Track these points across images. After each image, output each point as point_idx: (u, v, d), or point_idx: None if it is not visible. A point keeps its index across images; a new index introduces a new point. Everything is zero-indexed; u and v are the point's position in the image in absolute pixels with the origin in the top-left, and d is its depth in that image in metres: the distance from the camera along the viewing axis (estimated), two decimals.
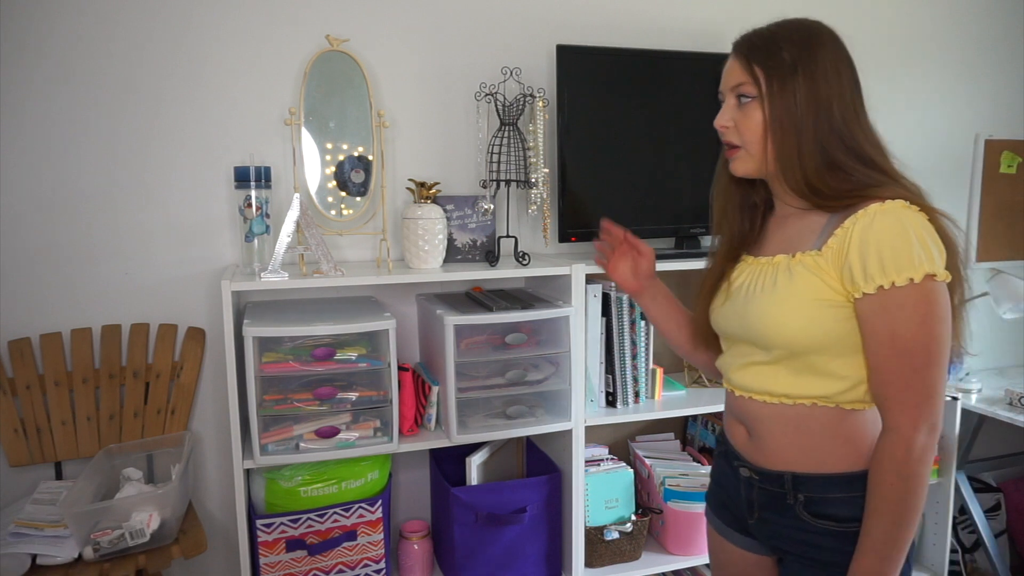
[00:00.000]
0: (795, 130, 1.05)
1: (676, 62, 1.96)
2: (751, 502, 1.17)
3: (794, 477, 1.10)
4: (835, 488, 1.07)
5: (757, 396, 1.13)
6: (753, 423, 1.15)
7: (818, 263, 1.04)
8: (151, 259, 1.79)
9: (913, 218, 0.99)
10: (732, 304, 1.16)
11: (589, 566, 1.88)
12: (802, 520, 1.10)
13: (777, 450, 1.11)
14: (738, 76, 1.09)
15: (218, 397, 1.85)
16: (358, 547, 1.69)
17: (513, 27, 1.98)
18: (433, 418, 1.75)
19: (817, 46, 1.06)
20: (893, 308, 0.97)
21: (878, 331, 0.99)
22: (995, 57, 2.52)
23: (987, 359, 2.66)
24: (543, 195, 1.83)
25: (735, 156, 1.13)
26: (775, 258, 1.11)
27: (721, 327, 1.20)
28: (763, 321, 1.08)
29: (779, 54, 1.06)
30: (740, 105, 1.10)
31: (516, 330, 1.72)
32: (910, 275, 0.96)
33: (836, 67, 1.06)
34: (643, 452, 2.07)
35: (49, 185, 1.70)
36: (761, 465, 1.14)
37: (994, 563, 2.38)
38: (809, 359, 1.06)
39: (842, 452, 1.07)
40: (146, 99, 1.74)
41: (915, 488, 0.99)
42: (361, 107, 1.82)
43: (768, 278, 1.10)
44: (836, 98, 1.05)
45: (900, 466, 0.99)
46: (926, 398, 0.98)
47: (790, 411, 1.09)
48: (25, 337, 1.70)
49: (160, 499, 1.53)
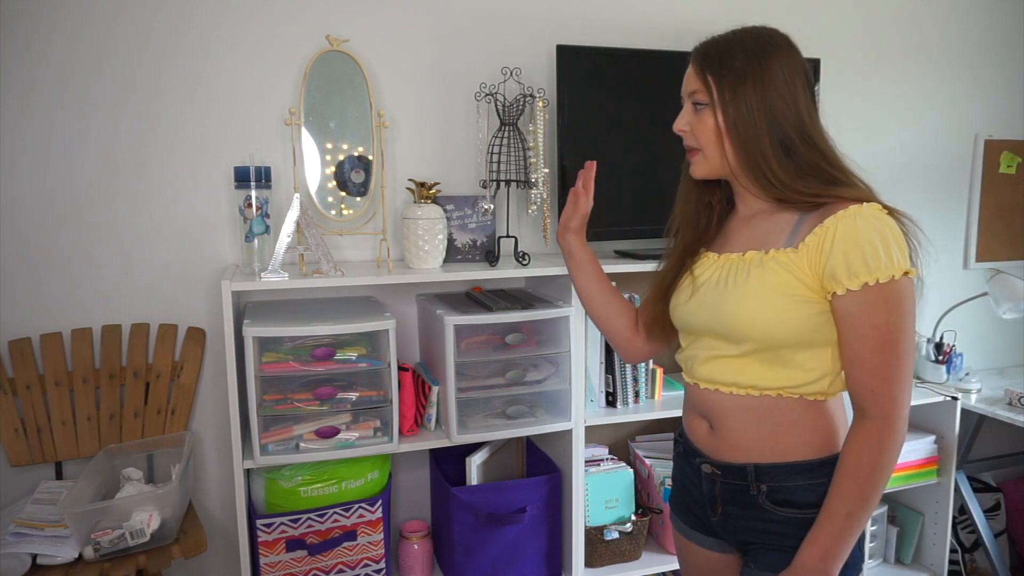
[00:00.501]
0: (751, 135, 1.09)
1: (676, 62, 1.94)
2: (713, 498, 1.20)
3: (756, 468, 1.13)
4: (796, 476, 1.11)
5: (724, 388, 1.16)
6: (717, 416, 1.18)
7: (792, 260, 1.08)
8: (151, 259, 1.79)
9: (889, 221, 1.06)
10: (700, 298, 1.19)
11: (589, 566, 1.88)
12: (764, 510, 1.14)
13: (740, 442, 1.15)
14: (692, 84, 1.15)
15: (218, 397, 1.85)
16: (358, 547, 1.69)
17: (513, 27, 1.98)
18: (433, 418, 1.75)
19: (769, 54, 1.11)
20: (878, 303, 1.03)
21: (863, 325, 1.04)
22: (995, 57, 2.53)
23: (987, 359, 2.66)
24: (543, 195, 1.83)
25: (694, 159, 1.18)
26: (746, 255, 1.14)
27: (686, 321, 1.22)
28: (736, 315, 1.11)
29: (731, 62, 1.11)
30: (695, 111, 1.15)
31: (516, 330, 1.72)
32: (892, 273, 1.02)
33: (789, 74, 1.10)
34: (643, 452, 2.07)
35: (49, 185, 1.70)
36: (723, 459, 1.17)
37: (994, 563, 2.38)
38: (779, 352, 1.10)
39: (804, 440, 1.12)
40: (146, 99, 1.74)
41: (887, 472, 1.05)
42: (361, 107, 1.82)
43: (740, 273, 1.13)
44: (788, 103, 1.10)
45: (883, 448, 1.04)
46: (906, 386, 1.06)
47: (755, 402, 1.13)
48: (25, 337, 1.70)
49: (160, 499, 1.53)
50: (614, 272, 1.82)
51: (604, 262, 1.83)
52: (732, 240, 1.21)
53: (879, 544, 2.30)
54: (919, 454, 2.20)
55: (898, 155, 2.43)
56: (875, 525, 2.26)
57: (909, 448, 2.19)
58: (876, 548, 2.29)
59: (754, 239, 1.16)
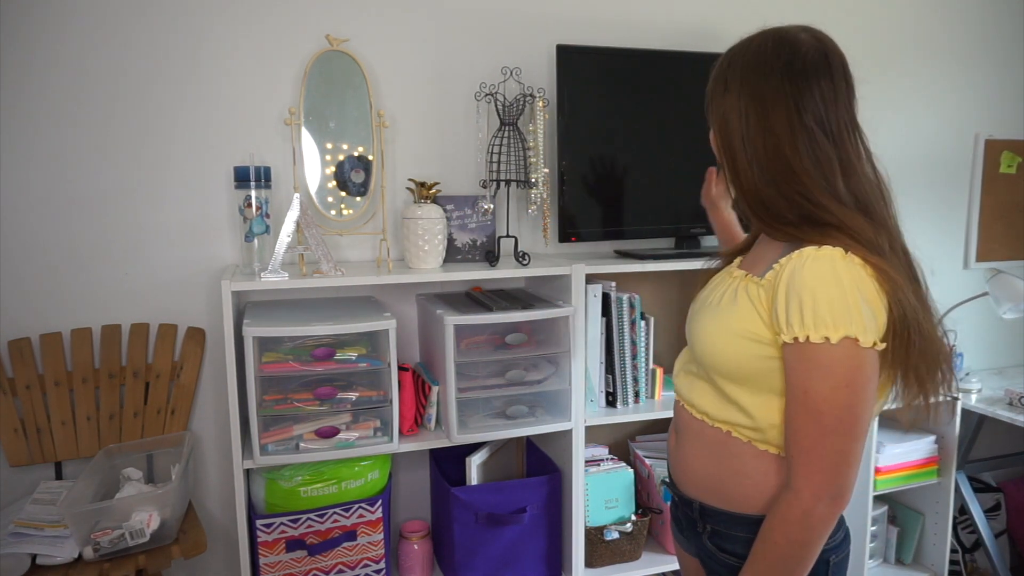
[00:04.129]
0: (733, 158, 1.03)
1: (676, 62, 1.96)
2: (678, 519, 1.21)
3: (702, 507, 1.09)
4: (739, 527, 1.05)
5: (687, 406, 1.13)
6: (681, 432, 1.15)
7: (758, 294, 0.99)
8: (151, 259, 1.79)
9: (848, 271, 0.91)
10: (693, 308, 1.17)
11: (589, 566, 1.88)
12: (709, 549, 1.10)
13: (693, 473, 1.11)
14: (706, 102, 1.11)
15: (218, 397, 1.85)
16: (358, 547, 1.69)
17: (513, 27, 1.98)
18: (433, 418, 1.75)
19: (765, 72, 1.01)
20: (809, 364, 0.91)
21: (793, 383, 0.93)
22: (995, 57, 2.53)
23: (987, 359, 2.66)
24: (543, 195, 1.83)
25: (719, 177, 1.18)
26: (735, 272, 1.10)
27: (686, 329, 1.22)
28: (698, 334, 1.08)
29: (721, 76, 1.07)
30: None
31: (516, 330, 1.72)
32: (827, 334, 0.89)
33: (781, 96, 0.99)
34: (643, 452, 2.07)
35: (49, 185, 1.70)
36: (679, 487, 1.15)
37: (994, 563, 2.38)
38: (727, 386, 1.03)
39: (748, 493, 1.03)
40: (146, 99, 1.74)
41: (800, 555, 0.95)
42: (361, 107, 1.82)
43: (718, 293, 1.09)
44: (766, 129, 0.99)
45: (791, 529, 0.94)
46: (831, 466, 0.91)
47: (709, 432, 1.07)
48: (25, 337, 1.70)
49: (160, 499, 1.53)
50: (614, 272, 1.83)
51: (604, 262, 1.84)
52: (747, 257, 1.16)
53: (879, 544, 2.29)
54: (919, 454, 2.20)
55: (898, 155, 2.43)
56: (875, 525, 2.25)
57: (910, 448, 2.19)
58: (876, 548, 2.29)
59: (753, 260, 1.11)
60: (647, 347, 1.93)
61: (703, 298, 1.14)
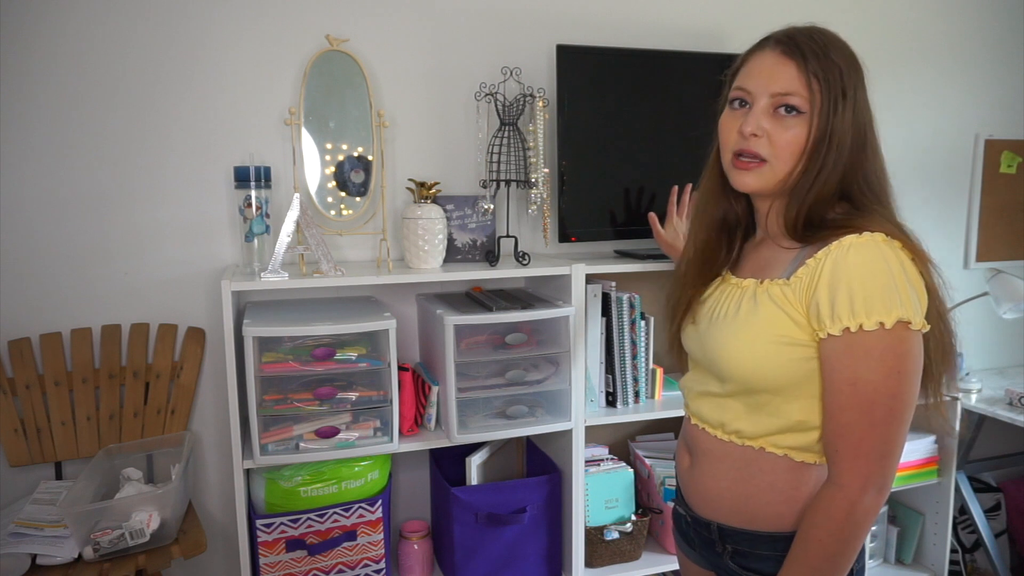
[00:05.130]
0: (829, 158, 0.95)
1: (676, 62, 1.96)
2: (690, 537, 1.17)
3: (720, 528, 1.06)
4: (763, 546, 1.01)
5: (710, 429, 1.07)
6: (698, 455, 1.10)
7: (785, 294, 0.96)
8: (151, 259, 1.79)
9: (892, 254, 0.90)
10: (696, 326, 1.10)
11: (589, 566, 1.88)
12: (731, 568, 1.06)
13: (712, 494, 1.06)
14: (790, 83, 0.96)
15: (218, 397, 1.85)
16: (358, 547, 1.69)
17: (513, 27, 1.98)
18: (433, 418, 1.75)
19: (858, 67, 0.98)
20: (858, 354, 0.88)
21: (839, 377, 0.90)
22: (995, 57, 2.52)
23: (987, 359, 2.66)
24: (543, 195, 1.83)
25: (752, 170, 1.00)
26: (744, 282, 1.04)
27: (686, 346, 1.15)
28: (719, 351, 1.02)
29: (835, 71, 0.95)
30: (779, 116, 0.97)
31: (516, 330, 1.72)
32: (880, 319, 0.87)
33: (865, 93, 0.99)
34: (643, 452, 2.07)
35: (49, 185, 1.70)
36: (693, 508, 1.12)
37: (994, 563, 2.38)
38: (762, 398, 0.99)
39: (777, 511, 1.00)
40: (146, 99, 1.74)
41: (847, 551, 0.92)
42: (361, 107, 1.82)
43: (733, 304, 1.03)
44: (871, 132, 0.98)
45: (838, 525, 0.91)
46: (880, 456, 0.90)
47: (737, 452, 1.02)
48: (25, 337, 1.70)
49: (160, 499, 1.53)
50: (614, 272, 1.83)
51: (604, 262, 1.84)
52: (744, 263, 1.11)
53: (879, 544, 2.29)
54: (919, 454, 2.20)
55: (898, 155, 2.43)
56: (876, 525, 2.26)
57: (910, 448, 2.18)
58: (876, 548, 2.29)
59: (758, 265, 1.06)
60: (647, 347, 1.93)
61: (707, 314, 1.08)
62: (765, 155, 0.98)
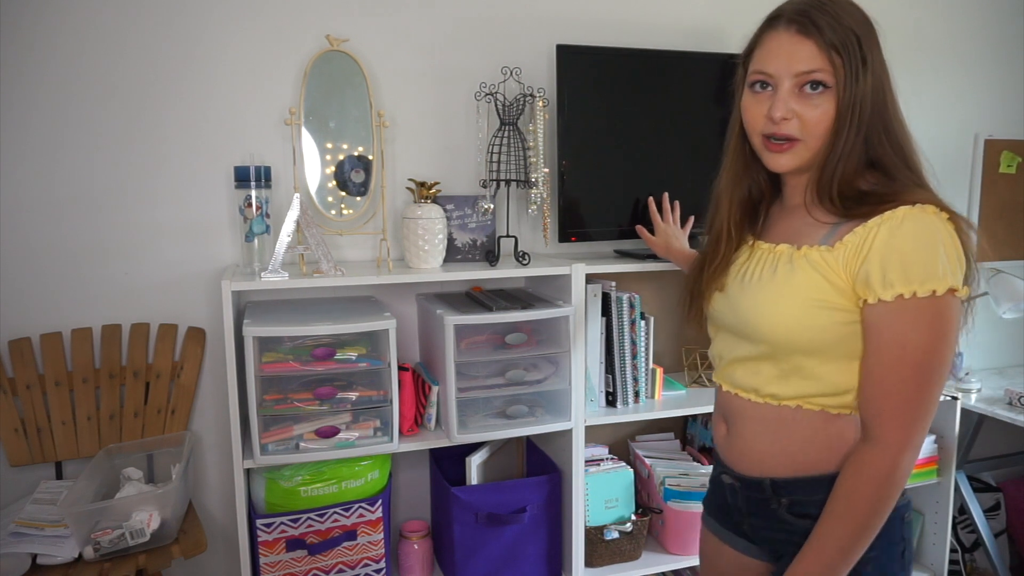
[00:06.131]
0: (854, 127, 0.97)
1: (676, 62, 1.96)
2: (738, 508, 1.16)
3: (773, 483, 1.07)
4: (817, 490, 1.03)
5: (743, 393, 1.09)
6: (734, 420, 1.12)
7: (826, 260, 0.98)
8: (151, 259, 1.79)
9: (943, 227, 0.94)
10: (724, 292, 1.12)
11: (589, 566, 1.88)
12: (787, 522, 1.08)
13: (756, 454, 1.09)
14: (811, 61, 0.97)
15: (218, 397, 1.85)
16: (358, 547, 1.69)
17: (513, 27, 1.98)
18: (433, 418, 1.75)
19: (874, 34, 1.00)
20: (909, 319, 0.92)
21: (887, 340, 0.94)
22: (995, 57, 2.52)
23: (986, 359, 2.66)
24: (543, 195, 1.83)
25: (786, 151, 1.01)
26: (778, 247, 1.06)
27: (713, 313, 1.16)
28: (753, 312, 1.04)
29: (852, 38, 0.96)
30: (805, 93, 0.99)
31: (516, 330, 1.72)
32: (933, 287, 0.91)
33: (881, 54, 1.00)
34: (643, 452, 2.07)
35: (49, 185, 1.70)
36: (740, 471, 1.12)
37: (994, 563, 2.38)
38: (796, 360, 1.01)
39: (823, 456, 1.03)
40: (146, 99, 1.74)
41: (887, 506, 0.97)
42: (361, 107, 1.82)
43: (767, 267, 1.05)
44: (889, 92, 1.00)
45: (882, 481, 0.95)
46: (922, 416, 0.94)
47: (773, 412, 1.05)
48: (25, 337, 1.70)
49: (160, 499, 1.53)
50: (614, 272, 1.83)
51: (604, 262, 1.84)
52: (771, 229, 1.12)
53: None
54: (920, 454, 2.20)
55: None
56: None
57: None
58: None
59: (790, 231, 1.07)
60: (647, 347, 1.93)
61: (737, 279, 1.10)
62: (798, 135, 1.00)
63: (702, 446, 2.15)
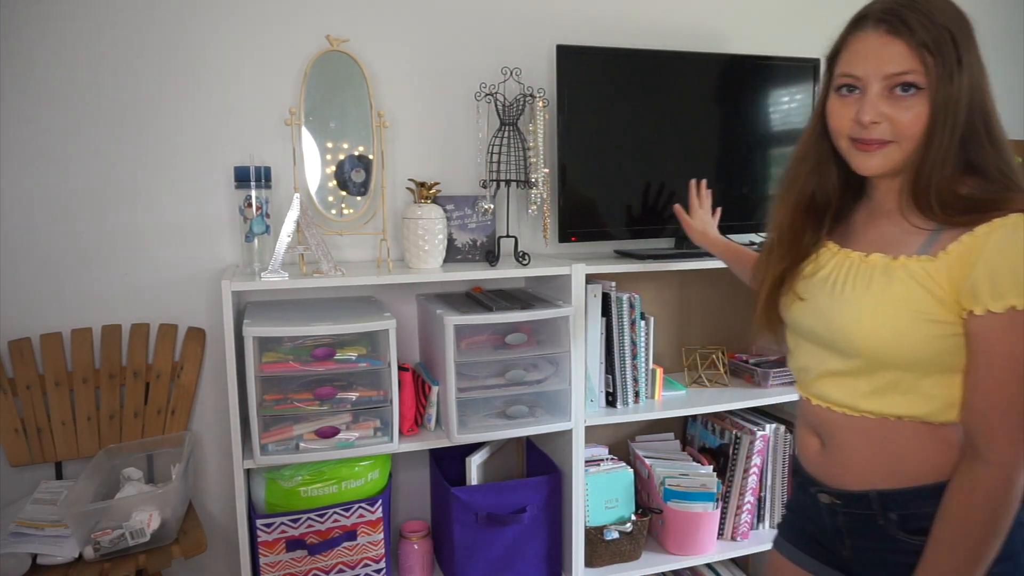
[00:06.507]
0: (948, 129, 0.93)
1: (676, 62, 1.96)
2: (838, 531, 1.06)
3: (880, 495, 0.99)
4: (930, 500, 0.96)
5: (837, 408, 1.03)
6: (829, 435, 1.05)
7: (927, 271, 0.93)
8: (151, 259, 1.79)
9: None
10: (808, 302, 1.05)
11: (589, 566, 1.88)
12: (899, 540, 0.99)
13: (857, 467, 1.02)
14: (902, 62, 0.93)
15: (218, 397, 1.85)
16: (358, 547, 1.69)
17: (513, 27, 1.98)
18: (433, 418, 1.75)
19: (967, 25, 0.95)
20: (1021, 332, 0.88)
21: (997, 354, 0.89)
22: (995, 57, 2.52)
23: None
24: (543, 195, 1.83)
25: (876, 151, 0.97)
26: (870, 256, 1.00)
27: (795, 321, 1.09)
28: (849, 326, 0.98)
29: (946, 37, 0.92)
30: (896, 95, 0.94)
31: (516, 330, 1.72)
32: None
33: (977, 51, 0.96)
34: (643, 452, 2.07)
35: (49, 185, 1.70)
36: (840, 486, 1.04)
37: None
38: (894, 374, 0.96)
39: (932, 462, 0.96)
40: (146, 99, 1.74)
41: (1004, 527, 0.91)
42: (361, 107, 1.82)
43: (861, 278, 0.99)
44: (987, 93, 0.97)
45: (997, 503, 0.90)
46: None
47: (873, 424, 0.99)
48: (25, 337, 1.70)
49: (160, 499, 1.53)
50: (614, 272, 1.83)
51: (604, 262, 1.84)
52: (857, 236, 1.06)
53: None
54: None
55: None
56: None
57: None
58: None
59: (882, 239, 1.01)
60: (647, 347, 1.93)
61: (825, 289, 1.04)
62: (890, 137, 0.96)
63: (702, 446, 2.15)
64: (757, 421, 2.03)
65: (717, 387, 2.06)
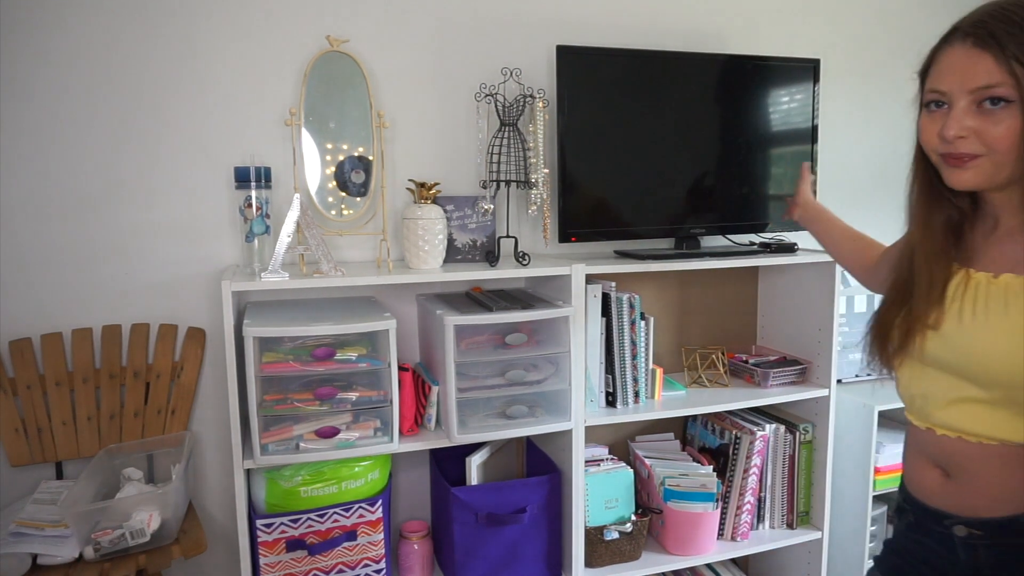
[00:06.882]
0: None
1: (676, 62, 1.97)
2: (977, 568, 0.98)
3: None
4: None
5: (970, 437, 0.96)
6: (959, 465, 0.98)
7: None
8: (151, 259, 1.79)
9: None
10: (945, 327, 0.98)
11: (589, 566, 1.88)
12: None
13: (991, 490, 0.95)
14: (990, 76, 0.90)
15: (218, 397, 1.85)
16: (358, 547, 1.69)
17: (513, 27, 1.98)
18: (433, 418, 1.75)
19: None
20: None
21: None
22: None
23: None
24: (543, 195, 1.83)
25: (967, 165, 0.94)
26: (999, 278, 0.95)
27: (927, 352, 1.01)
28: (986, 355, 0.92)
29: None
30: (983, 109, 0.91)
31: (516, 330, 1.72)
32: None
33: None
34: (643, 452, 2.07)
35: (49, 185, 1.71)
36: (980, 515, 0.96)
37: None
38: None
39: None
40: (146, 99, 1.74)
41: None
42: (361, 107, 1.82)
43: (993, 302, 0.94)
44: None
45: None
46: None
47: (1012, 451, 0.93)
48: (26, 337, 1.70)
49: (160, 499, 1.53)
50: (614, 272, 1.83)
51: (604, 262, 1.84)
52: (979, 255, 1.01)
53: (878, 544, 2.29)
54: None
55: (896, 154, 2.42)
56: (875, 525, 2.26)
57: None
58: (876, 548, 2.29)
59: (1012, 260, 0.96)
60: (647, 347, 1.93)
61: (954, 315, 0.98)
62: (979, 151, 0.93)
63: (702, 446, 2.15)
64: (757, 421, 2.03)
65: (717, 387, 2.06)
